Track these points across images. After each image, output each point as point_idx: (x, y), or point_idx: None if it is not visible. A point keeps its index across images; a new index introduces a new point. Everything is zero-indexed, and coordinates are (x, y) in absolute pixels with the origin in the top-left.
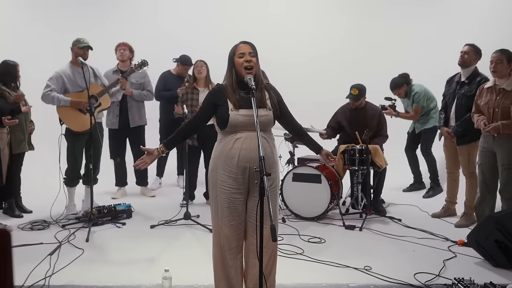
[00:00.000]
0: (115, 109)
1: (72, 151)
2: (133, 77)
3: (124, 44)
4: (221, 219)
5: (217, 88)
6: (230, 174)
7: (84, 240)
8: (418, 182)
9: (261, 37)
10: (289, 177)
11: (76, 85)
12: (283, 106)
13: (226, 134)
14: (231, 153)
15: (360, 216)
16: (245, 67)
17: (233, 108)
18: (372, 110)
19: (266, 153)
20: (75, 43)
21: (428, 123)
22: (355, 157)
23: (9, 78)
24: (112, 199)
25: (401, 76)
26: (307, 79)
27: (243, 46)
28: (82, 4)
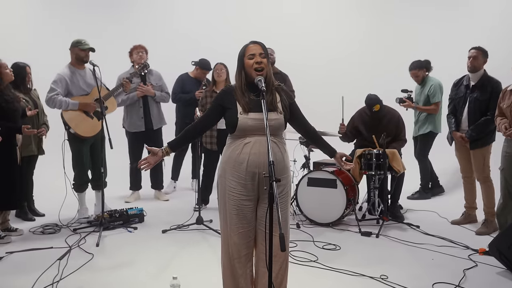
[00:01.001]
0: (139, 112)
1: (79, 157)
2: (153, 80)
3: (142, 47)
4: (230, 227)
5: (226, 89)
6: (239, 180)
7: (95, 244)
8: (436, 186)
9: (278, 38)
10: (304, 181)
11: (79, 88)
12: (295, 109)
13: (235, 138)
14: (240, 158)
15: (377, 223)
16: (255, 69)
17: (242, 112)
18: (390, 114)
19: (277, 158)
20: (76, 44)
21: (425, 127)
22: (372, 161)
23: (19, 80)
24: (126, 202)
25: (424, 60)
26: (325, 80)
27: (253, 46)
28: (98, 6)
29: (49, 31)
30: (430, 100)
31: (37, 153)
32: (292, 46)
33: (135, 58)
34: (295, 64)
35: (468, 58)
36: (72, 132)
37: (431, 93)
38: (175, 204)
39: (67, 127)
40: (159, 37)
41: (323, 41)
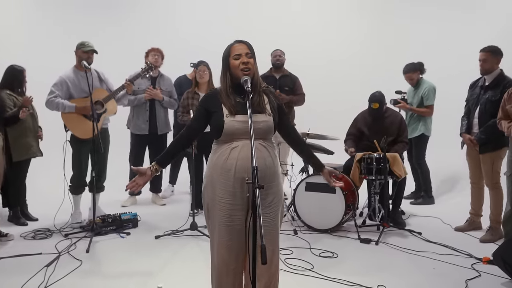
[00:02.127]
0: (144, 115)
1: (77, 158)
2: (163, 85)
3: (158, 50)
4: (219, 239)
5: (210, 93)
6: (228, 188)
7: (85, 250)
8: (421, 191)
9: (280, 39)
10: (301, 186)
11: (81, 90)
12: (282, 113)
13: (221, 144)
14: (228, 164)
15: (377, 229)
16: (241, 69)
17: (228, 114)
18: (392, 116)
19: (266, 163)
20: (80, 47)
21: (416, 130)
22: (372, 166)
23: (16, 84)
24: (122, 207)
25: (417, 63)
26: (324, 81)
27: (238, 46)
28: (96, 7)
29: (44, 33)
30: (424, 102)
31: (38, 154)
32: (293, 47)
33: (151, 60)
34: (296, 65)
35: (479, 61)
36: (71, 133)
37: (425, 95)
38: (172, 208)
39: (67, 129)
40: (159, 38)
41: (324, 43)
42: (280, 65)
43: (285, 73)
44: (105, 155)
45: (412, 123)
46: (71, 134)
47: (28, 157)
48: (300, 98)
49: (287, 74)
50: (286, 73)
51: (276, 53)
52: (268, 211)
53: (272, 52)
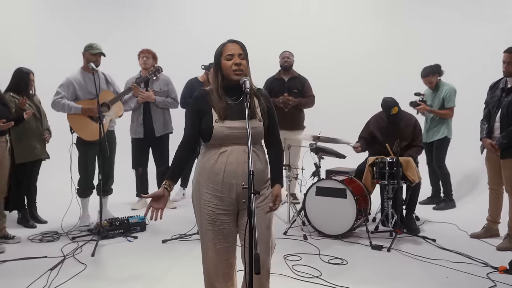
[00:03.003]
0: (139, 118)
1: (84, 161)
2: (156, 85)
3: (148, 51)
4: (206, 243)
5: (199, 94)
6: (215, 193)
7: (90, 254)
8: (437, 196)
9: (293, 41)
10: (312, 190)
11: (88, 92)
12: (272, 117)
13: (210, 147)
14: (216, 169)
15: (390, 235)
16: (233, 71)
17: (218, 119)
18: (406, 119)
19: (257, 168)
20: (87, 49)
21: (439, 133)
22: (384, 170)
23: (23, 86)
24: (132, 210)
25: (434, 65)
26: (336, 83)
27: (231, 46)
28: (107, 8)
29: (53, 33)
30: (445, 104)
31: (43, 157)
32: (304, 48)
33: (140, 62)
34: (306, 66)
35: (503, 63)
36: (77, 135)
37: (446, 97)
38: (182, 212)
39: (72, 131)
40: (170, 39)
41: (336, 44)
42: (288, 67)
43: (294, 75)
44: (111, 157)
45: (434, 126)
46: (77, 137)
47: (32, 159)
48: (309, 100)
49: (296, 76)
50: (295, 75)
51: (284, 55)
52: (257, 211)
53: (280, 53)
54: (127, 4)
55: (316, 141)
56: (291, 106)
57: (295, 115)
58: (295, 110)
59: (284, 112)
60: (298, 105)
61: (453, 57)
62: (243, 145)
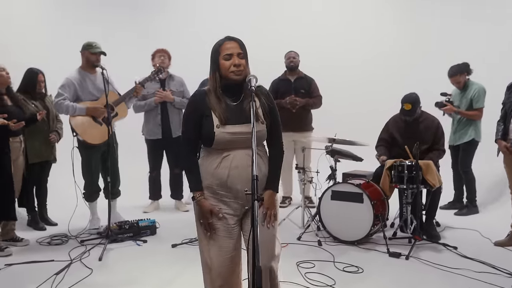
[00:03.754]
0: (156, 118)
1: (88, 165)
2: (173, 85)
3: (164, 51)
4: (208, 253)
5: (196, 97)
6: (220, 197)
7: (98, 258)
8: (459, 201)
9: (303, 40)
10: (327, 194)
11: (88, 93)
12: (274, 115)
13: (211, 151)
14: (219, 173)
15: (408, 242)
16: (232, 72)
17: (219, 124)
18: (428, 120)
19: (262, 171)
20: (87, 48)
21: (467, 135)
22: (403, 174)
23: (31, 86)
24: (144, 213)
25: (462, 64)
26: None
27: (229, 44)
28: (117, 8)
29: (64, 33)
30: (474, 105)
31: (50, 159)
32: (316, 48)
33: (157, 62)
34: (318, 66)
35: None
36: (80, 139)
37: (475, 97)
38: None
39: (74, 134)
40: (181, 40)
41: (348, 43)
42: (294, 67)
43: (300, 75)
44: (116, 159)
45: (461, 128)
46: (79, 140)
47: (38, 160)
48: (316, 101)
49: (302, 76)
50: (301, 75)
51: (290, 55)
52: (263, 221)
53: (285, 54)
54: (138, 5)
55: (331, 143)
56: (298, 107)
57: (302, 116)
58: (303, 111)
59: (291, 113)
60: (305, 105)
61: (481, 56)
62: (246, 149)
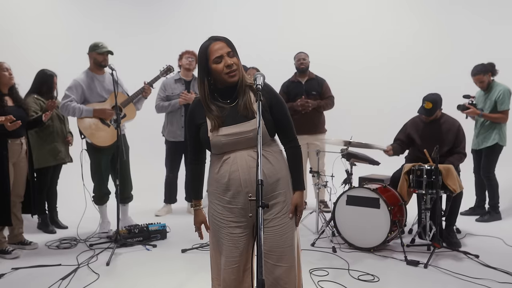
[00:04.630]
0: (180, 121)
1: (96, 167)
2: (196, 87)
3: (192, 53)
4: (216, 260)
5: (193, 105)
6: (224, 204)
7: (105, 263)
8: (480, 207)
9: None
10: (342, 199)
11: (96, 94)
12: (277, 109)
13: (214, 156)
14: (219, 178)
15: (427, 249)
16: (226, 74)
17: (212, 129)
18: (448, 123)
19: (264, 172)
20: (94, 49)
21: (490, 139)
22: (422, 178)
23: (46, 89)
24: (156, 216)
25: (488, 63)
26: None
27: (216, 45)
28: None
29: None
30: (498, 107)
31: (67, 160)
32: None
33: (184, 63)
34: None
35: None
36: (88, 141)
37: (499, 99)
38: None
39: (83, 136)
40: (198, 42)
41: (366, 44)
42: (304, 69)
43: (311, 77)
44: (126, 163)
45: (484, 132)
46: (88, 142)
47: (56, 162)
48: (328, 102)
49: (313, 77)
50: (312, 77)
51: (299, 56)
52: (275, 223)
53: (295, 55)
54: (154, 5)
55: (347, 146)
56: (310, 109)
57: (315, 118)
58: (315, 113)
59: (303, 116)
60: (317, 107)
61: (506, 57)
62: (247, 149)
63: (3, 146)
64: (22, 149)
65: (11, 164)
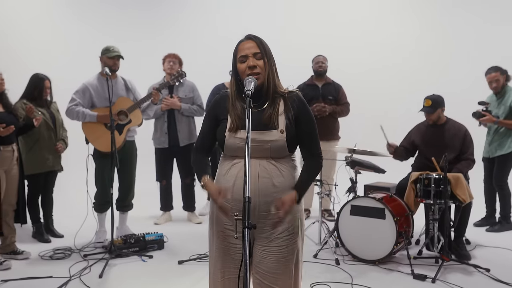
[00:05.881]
0: (163, 126)
1: (100, 173)
2: (182, 91)
3: (174, 56)
4: (214, 271)
5: (219, 97)
6: None
7: (98, 275)
8: (492, 217)
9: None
10: (346, 209)
11: (105, 99)
12: (305, 123)
13: (225, 157)
14: (226, 181)
15: (435, 262)
16: (248, 75)
17: (230, 129)
18: (454, 128)
19: (275, 184)
20: (104, 52)
21: (505, 147)
22: (430, 188)
23: (37, 93)
24: (155, 224)
25: (503, 68)
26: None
27: (246, 44)
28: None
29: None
30: None
31: (56, 168)
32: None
33: (166, 67)
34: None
35: None
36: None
37: None
38: (205, 229)
39: (87, 142)
40: (200, 44)
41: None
42: (322, 73)
43: (328, 81)
44: (132, 170)
45: (498, 139)
46: (94, 148)
47: (43, 170)
48: (344, 109)
49: (330, 82)
50: (329, 81)
51: (318, 59)
52: (277, 243)
53: (313, 58)
54: (155, 8)
55: (351, 154)
56: (327, 114)
57: (329, 124)
58: (330, 119)
59: (318, 121)
60: (332, 113)
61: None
62: (260, 159)
63: None
64: (13, 156)
65: (2, 172)
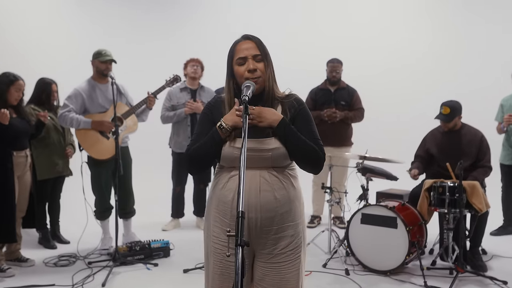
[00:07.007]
0: (186, 131)
1: (97, 181)
2: (204, 97)
3: (197, 61)
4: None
5: (213, 103)
6: (223, 226)
7: (101, 284)
8: (510, 226)
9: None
10: (357, 218)
11: (97, 105)
12: (303, 124)
13: (222, 169)
14: (224, 196)
15: (449, 273)
16: (247, 79)
17: (228, 138)
18: (470, 134)
19: (277, 197)
20: (96, 56)
21: None
22: (444, 196)
23: (45, 97)
24: (163, 231)
25: None
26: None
27: (244, 45)
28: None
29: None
30: None
31: (65, 173)
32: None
33: (189, 71)
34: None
35: None
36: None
37: None
38: None
39: (81, 148)
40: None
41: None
42: (336, 81)
43: (341, 86)
44: (128, 176)
45: None
46: (88, 155)
47: (52, 176)
48: (358, 114)
49: (344, 86)
50: (343, 86)
51: (332, 66)
52: (279, 259)
53: (327, 61)
54: (168, 12)
55: (362, 160)
56: (337, 119)
57: (342, 130)
58: (342, 125)
59: (330, 127)
60: (344, 119)
61: None
62: (260, 169)
63: (8, 159)
64: (27, 162)
65: (15, 178)
